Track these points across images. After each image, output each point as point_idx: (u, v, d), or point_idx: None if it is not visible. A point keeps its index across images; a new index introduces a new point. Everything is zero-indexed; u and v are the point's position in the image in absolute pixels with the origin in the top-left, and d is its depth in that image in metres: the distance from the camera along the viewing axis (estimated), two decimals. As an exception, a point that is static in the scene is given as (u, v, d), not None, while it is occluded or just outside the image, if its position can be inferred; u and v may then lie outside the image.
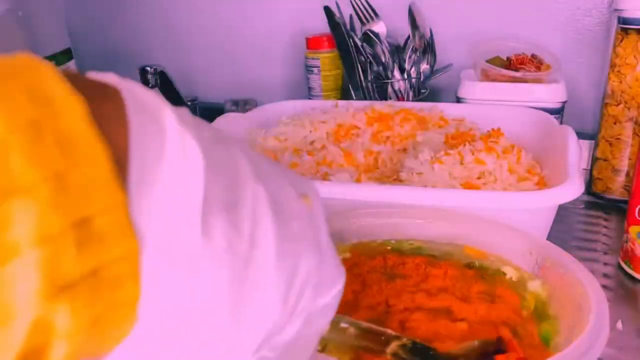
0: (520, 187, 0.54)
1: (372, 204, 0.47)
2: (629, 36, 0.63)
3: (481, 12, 0.86)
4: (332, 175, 0.56)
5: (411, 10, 0.80)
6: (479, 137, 0.61)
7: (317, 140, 0.68)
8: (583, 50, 0.82)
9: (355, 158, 0.61)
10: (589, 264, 0.48)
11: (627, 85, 0.64)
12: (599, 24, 0.80)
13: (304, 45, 0.90)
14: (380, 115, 0.69)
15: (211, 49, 1.05)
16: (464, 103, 0.75)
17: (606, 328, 0.31)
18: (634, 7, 0.61)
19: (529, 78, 0.73)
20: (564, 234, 0.61)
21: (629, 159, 0.66)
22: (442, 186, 0.52)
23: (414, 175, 0.55)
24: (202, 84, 1.07)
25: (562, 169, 0.51)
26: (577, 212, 0.67)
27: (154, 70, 0.90)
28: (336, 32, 0.81)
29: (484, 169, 0.54)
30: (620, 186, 0.67)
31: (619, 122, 0.65)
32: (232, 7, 1.01)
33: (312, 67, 0.89)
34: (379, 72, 0.81)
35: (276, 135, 0.69)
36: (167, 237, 0.16)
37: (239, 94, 0.99)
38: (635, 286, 0.52)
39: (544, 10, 0.82)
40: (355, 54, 0.81)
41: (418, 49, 0.81)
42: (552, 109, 0.71)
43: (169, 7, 1.06)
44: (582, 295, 0.35)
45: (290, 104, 0.78)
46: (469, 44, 0.79)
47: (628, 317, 0.48)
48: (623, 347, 0.44)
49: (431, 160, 0.56)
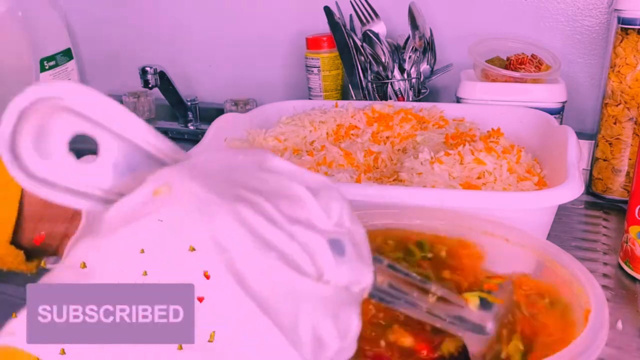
0: (520, 187, 0.54)
1: (372, 204, 0.47)
2: (629, 36, 0.63)
3: (481, 12, 0.86)
4: (332, 175, 0.56)
5: (411, 10, 0.80)
6: (478, 137, 0.61)
7: (317, 141, 0.68)
8: (583, 50, 0.82)
9: (355, 158, 0.61)
10: (589, 264, 0.48)
11: (627, 85, 0.64)
12: (599, 24, 0.80)
13: (304, 45, 0.90)
14: (380, 115, 0.70)
15: (211, 49, 1.05)
16: (464, 103, 0.75)
17: (605, 328, 0.31)
18: (634, 7, 0.61)
19: (528, 78, 0.73)
20: (564, 234, 0.61)
21: (629, 159, 0.66)
22: (442, 186, 0.52)
23: (414, 175, 0.55)
24: (202, 84, 1.08)
25: (562, 169, 0.51)
26: (577, 212, 0.67)
27: (154, 70, 0.90)
28: (336, 32, 0.81)
29: (483, 169, 0.54)
30: (620, 186, 0.67)
31: (619, 122, 0.65)
32: (232, 7, 1.01)
33: (312, 67, 0.89)
34: (379, 72, 0.81)
35: (276, 135, 0.69)
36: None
37: (239, 94, 0.99)
38: (635, 286, 0.52)
39: (544, 10, 0.82)
40: (355, 54, 0.81)
41: (418, 49, 0.81)
42: (552, 109, 0.71)
43: (170, 8, 1.06)
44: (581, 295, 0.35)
45: (290, 104, 0.78)
46: (469, 44, 0.79)
47: (628, 317, 0.48)
48: (623, 347, 0.44)
49: (431, 160, 0.56)
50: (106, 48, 1.13)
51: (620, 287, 0.52)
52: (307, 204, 0.23)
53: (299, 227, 0.22)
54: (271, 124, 0.73)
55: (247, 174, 0.24)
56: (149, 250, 0.20)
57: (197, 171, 0.22)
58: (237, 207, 0.21)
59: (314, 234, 0.22)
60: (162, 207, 0.21)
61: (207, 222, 0.20)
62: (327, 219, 0.23)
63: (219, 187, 0.22)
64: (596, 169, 0.69)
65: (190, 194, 0.21)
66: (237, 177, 0.23)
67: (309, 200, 0.23)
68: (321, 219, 0.23)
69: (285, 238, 0.21)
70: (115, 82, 1.14)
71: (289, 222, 0.22)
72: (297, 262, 0.21)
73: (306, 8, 0.94)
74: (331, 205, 0.24)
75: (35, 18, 0.91)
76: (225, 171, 0.24)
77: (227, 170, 0.24)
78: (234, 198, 0.21)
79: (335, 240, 0.23)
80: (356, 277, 0.23)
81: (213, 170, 0.23)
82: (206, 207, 0.21)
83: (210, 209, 0.21)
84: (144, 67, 0.90)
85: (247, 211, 0.21)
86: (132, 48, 1.11)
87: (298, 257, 0.21)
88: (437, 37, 0.82)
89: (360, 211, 0.46)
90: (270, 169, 0.24)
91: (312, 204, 0.23)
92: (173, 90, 0.94)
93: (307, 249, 0.22)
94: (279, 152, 0.66)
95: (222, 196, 0.21)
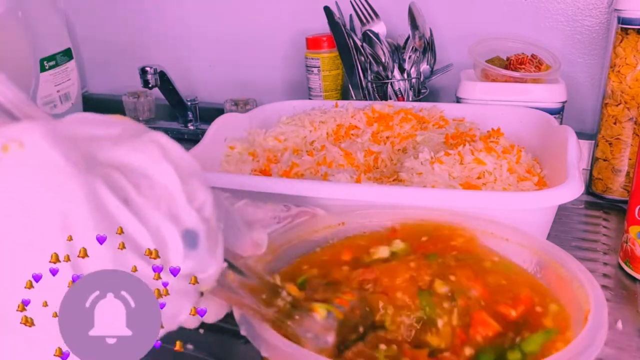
0: (520, 187, 0.54)
1: (372, 204, 0.47)
2: (629, 36, 0.63)
3: (481, 12, 0.86)
4: (332, 175, 0.56)
5: (411, 10, 0.80)
6: (478, 137, 0.61)
7: (317, 140, 0.68)
8: (583, 50, 0.82)
9: (355, 158, 0.61)
10: (589, 264, 0.48)
11: (627, 85, 0.64)
12: (599, 24, 0.80)
13: (304, 45, 0.90)
14: (380, 115, 0.70)
15: (211, 49, 1.05)
16: (464, 103, 0.75)
17: (605, 327, 0.31)
18: (634, 7, 0.61)
19: (528, 78, 0.73)
20: (564, 234, 0.61)
21: (629, 159, 0.66)
22: (442, 186, 0.52)
23: (414, 175, 0.55)
24: (202, 84, 1.08)
25: (562, 169, 0.51)
26: (577, 212, 0.67)
27: (154, 70, 0.90)
28: (336, 32, 0.81)
29: (483, 169, 0.54)
30: (620, 186, 0.67)
31: (619, 122, 0.66)
32: (232, 7, 1.01)
33: (312, 67, 0.89)
34: (379, 72, 0.81)
35: (276, 135, 0.69)
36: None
37: (239, 94, 0.99)
38: (635, 286, 0.52)
39: (544, 10, 0.82)
40: (355, 54, 0.81)
41: (418, 49, 0.81)
42: (552, 109, 0.71)
43: (170, 8, 1.06)
44: (581, 295, 0.35)
45: (290, 104, 0.78)
46: (469, 44, 0.79)
47: (628, 317, 0.48)
48: (623, 347, 0.44)
49: (431, 160, 0.56)
50: (106, 48, 1.13)
51: (620, 287, 0.52)
52: (171, 187, 0.23)
53: (155, 213, 0.22)
54: (271, 124, 0.73)
55: (115, 146, 0.22)
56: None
57: (57, 132, 0.20)
58: (92, 182, 0.20)
59: (170, 224, 0.22)
60: (9, 168, 0.19)
61: (55, 196, 0.19)
62: (189, 205, 0.23)
63: (76, 154, 0.20)
64: (596, 169, 0.69)
65: (43, 159, 0.19)
66: (102, 146, 0.22)
67: (175, 183, 0.23)
68: (182, 205, 0.23)
69: (137, 223, 0.21)
70: (115, 82, 1.14)
71: (146, 206, 0.21)
72: (142, 251, 0.21)
73: (306, 8, 0.94)
74: (196, 192, 0.24)
75: (35, 18, 0.91)
76: (89, 138, 0.22)
77: (92, 138, 0.22)
78: (90, 171, 0.20)
79: (189, 231, 0.23)
80: (201, 268, 0.24)
81: (75, 134, 0.21)
82: (57, 177, 0.19)
83: (62, 179, 0.19)
84: (144, 67, 0.90)
85: (102, 188, 0.20)
86: (132, 48, 1.11)
87: (145, 244, 0.21)
88: (437, 37, 0.82)
89: (360, 211, 0.46)
90: (144, 141, 0.23)
91: (176, 187, 0.23)
92: (173, 90, 0.94)
93: (158, 238, 0.21)
94: (278, 152, 0.66)
95: (77, 166, 0.20)
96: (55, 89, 0.97)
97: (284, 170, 0.60)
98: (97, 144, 0.22)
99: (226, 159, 0.66)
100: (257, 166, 0.63)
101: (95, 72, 1.17)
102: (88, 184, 0.20)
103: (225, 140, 0.68)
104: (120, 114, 1.12)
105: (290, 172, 0.59)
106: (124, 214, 0.20)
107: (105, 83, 1.16)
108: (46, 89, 0.95)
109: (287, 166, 0.60)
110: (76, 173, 0.19)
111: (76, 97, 1.03)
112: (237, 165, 0.64)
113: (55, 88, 0.97)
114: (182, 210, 0.23)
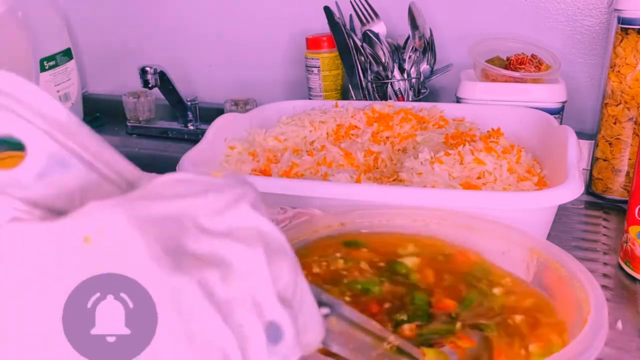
0: (520, 187, 0.54)
1: (372, 204, 0.47)
2: (629, 36, 0.63)
3: (481, 12, 0.86)
4: (332, 175, 0.56)
5: (411, 10, 0.80)
6: (478, 137, 0.61)
7: (317, 140, 0.68)
8: (583, 50, 0.82)
9: (355, 158, 0.61)
10: (589, 264, 0.48)
11: (627, 85, 0.64)
12: (599, 24, 0.80)
13: (304, 45, 0.90)
14: (380, 115, 0.70)
15: (211, 49, 1.05)
16: (464, 103, 0.75)
17: (605, 327, 0.31)
18: (634, 7, 0.61)
19: (528, 78, 0.73)
20: (564, 234, 0.61)
21: (629, 159, 0.66)
22: (442, 186, 0.52)
23: (414, 175, 0.55)
24: (202, 84, 1.08)
25: (562, 169, 0.51)
26: (577, 212, 0.67)
27: (154, 70, 0.90)
28: (336, 32, 0.81)
29: (483, 169, 0.54)
30: (620, 186, 0.67)
31: (618, 122, 0.66)
32: (232, 8, 1.01)
33: (312, 67, 0.89)
34: (379, 72, 0.81)
35: (276, 135, 0.69)
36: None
37: (239, 94, 0.99)
38: (635, 286, 0.52)
39: (544, 10, 0.82)
40: (355, 54, 0.81)
41: (418, 49, 0.81)
42: (552, 109, 0.71)
43: (170, 8, 1.06)
44: (581, 295, 0.35)
45: (290, 104, 0.78)
46: (469, 44, 0.79)
47: (628, 317, 0.48)
48: (623, 347, 0.44)
49: (431, 160, 0.56)
50: (106, 48, 1.13)
51: (620, 287, 0.52)
52: (257, 272, 0.20)
53: (239, 309, 0.20)
54: (271, 124, 0.73)
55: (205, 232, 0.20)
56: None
57: (138, 211, 0.18)
58: (177, 282, 0.18)
59: (253, 316, 0.20)
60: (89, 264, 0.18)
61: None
62: (274, 288, 0.21)
63: (162, 242, 0.18)
64: (596, 169, 0.69)
65: (126, 252, 0.18)
66: (186, 227, 0.20)
67: (261, 267, 0.20)
68: (267, 294, 0.20)
69: (220, 322, 0.19)
70: (115, 82, 1.14)
71: (231, 301, 0.19)
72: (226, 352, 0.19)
73: (306, 8, 0.94)
74: (280, 271, 0.21)
75: (35, 18, 0.91)
76: (175, 215, 0.20)
77: (182, 213, 0.20)
78: (178, 268, 0.18)
79: (273, 324, 0.21)
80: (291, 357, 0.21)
81: (160, 212, 0.19)
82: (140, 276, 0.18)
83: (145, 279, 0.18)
84: (144, 67, 0.90)
85: (188, 290, 0.18)
86: (132, 48, 1.11)
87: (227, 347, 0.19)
88: (437, 37, 0.82)
89: (360, 211, 0.46)
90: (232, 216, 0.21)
91: (263, 272, 0.20)
92: (173, 90, 0.94)
93: (239, 334, 0.20)
94: (279, 152, 0.66)
95: (162, 264, 0.18)
96: (55, 89, 0.97)
97: (284, 170, 0.60)
98: (188, 223, 0.20)
99: (226, 159, 0.66)
100: (257, 166, 0.63)
101: (95, 72, 1.17)
102: (172, 286, 0.18)
103: (225, 140, 0.68)
104: (120, 114, 1.12)
105: (290, 172, 0.59)
106: (208, 315, 0.19)
107: (105, 83, 1.16)
108: (46, 89, 0.95)
109: (287, 166, 0.60)
110: (159, 272, 0.18)
111: (76, 97, 1.03)
112: (237, 165, 0.64)
113: (55, 88, 0.97)
114: (267, 301, 0.20)
